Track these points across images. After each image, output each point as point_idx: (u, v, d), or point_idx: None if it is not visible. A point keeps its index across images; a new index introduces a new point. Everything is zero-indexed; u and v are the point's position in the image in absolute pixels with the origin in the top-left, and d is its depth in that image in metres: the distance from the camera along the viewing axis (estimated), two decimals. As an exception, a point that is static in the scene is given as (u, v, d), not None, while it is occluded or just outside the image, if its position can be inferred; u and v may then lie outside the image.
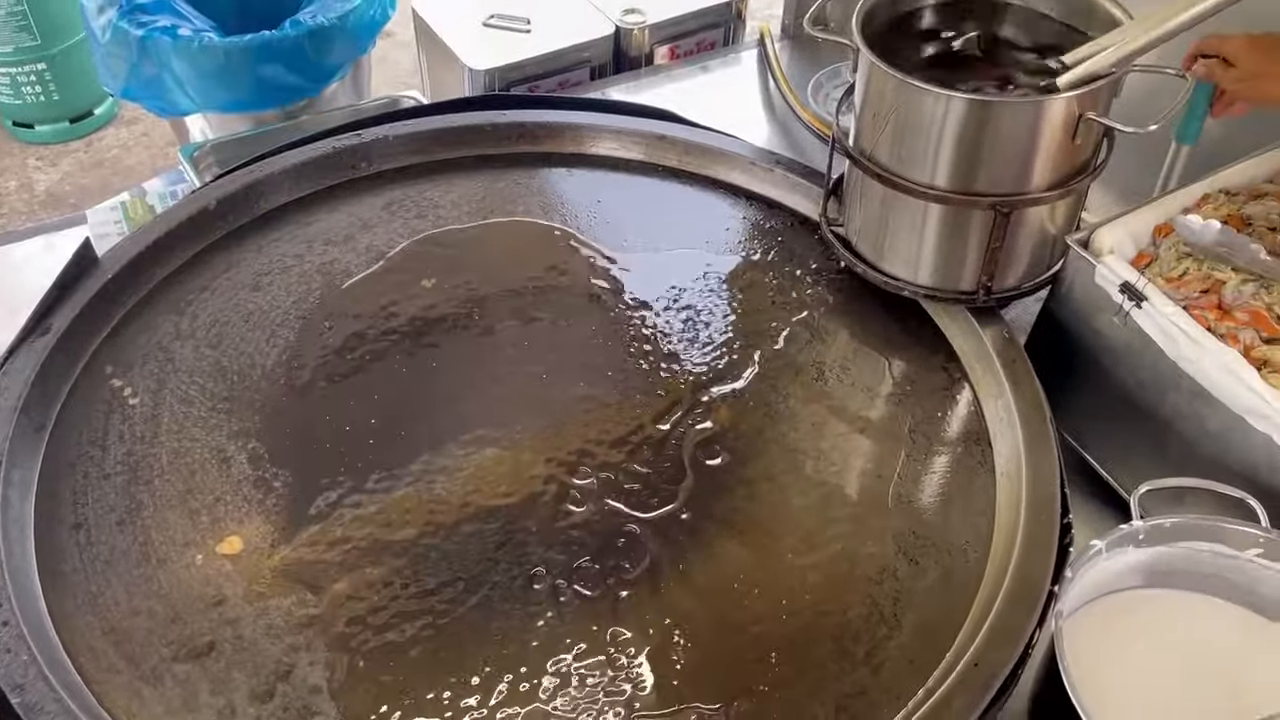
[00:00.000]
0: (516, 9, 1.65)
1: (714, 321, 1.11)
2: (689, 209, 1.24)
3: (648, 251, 1.19)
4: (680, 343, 1.09)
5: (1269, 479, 0.92)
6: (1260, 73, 0.99)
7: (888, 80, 0.98)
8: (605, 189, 1.26)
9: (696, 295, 1.14)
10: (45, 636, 0.83)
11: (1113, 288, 0.99)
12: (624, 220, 1.22)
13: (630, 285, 1.14)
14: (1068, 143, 0.97)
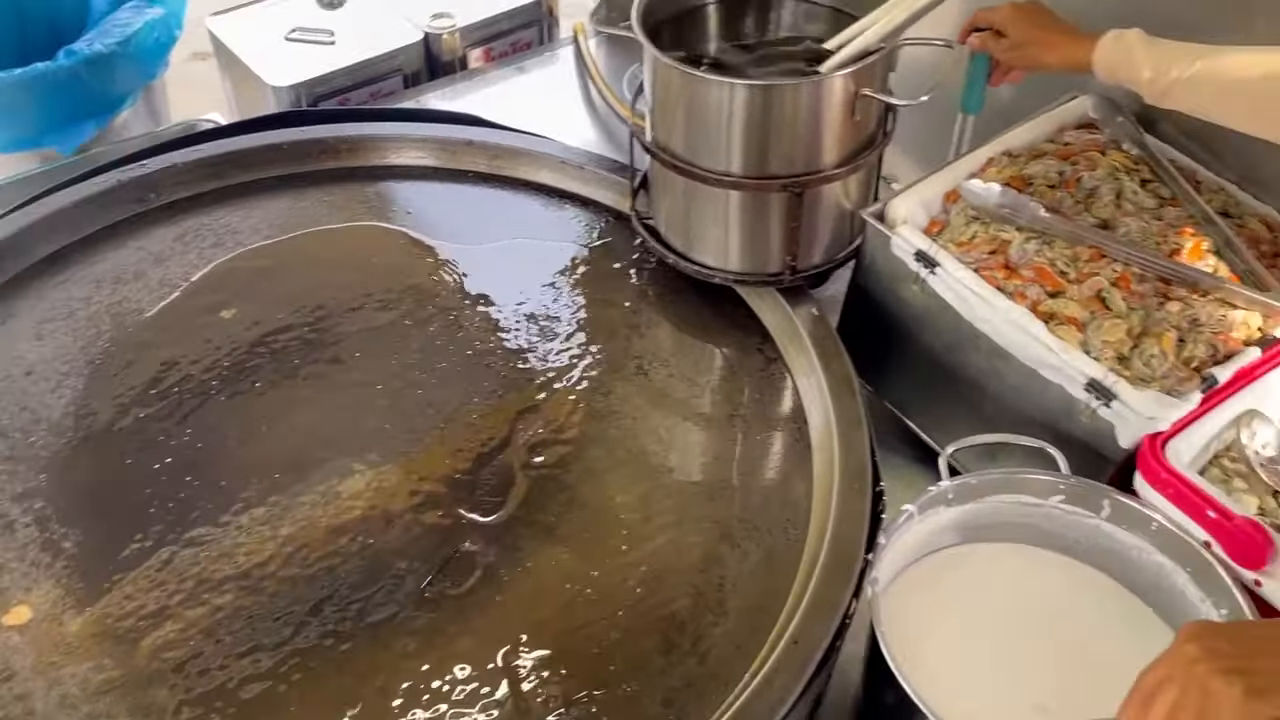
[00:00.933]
0: (320, 21, 1.60)
1: (534, 323, 1.10)
2: (503, 212, 1.23)
3: (461, 259, 1.17)
4: (500, 347, 1.07)
5: (1066, 427, 0.96)
6: (1028, 40, 1.03)
7: (671, 73, 0.99)
8: (415, 199, 1.23)
9: (513, 299, 1.13)
10: None
11: (908, 256, 1.02)
12: (436, 229, 1.19)
13: (443, 294, 1.12)
14: (849, 120, 0.99)
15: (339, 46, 1.55)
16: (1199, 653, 0.64)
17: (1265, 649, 0.64)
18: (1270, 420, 0.94)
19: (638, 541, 0.93)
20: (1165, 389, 0.92)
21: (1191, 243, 1.01)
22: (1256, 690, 0.61)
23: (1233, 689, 0.62)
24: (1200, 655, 0.64)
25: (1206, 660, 0.63)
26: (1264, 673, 0.62)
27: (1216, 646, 0.64)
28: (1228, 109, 0.90)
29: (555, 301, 1.13)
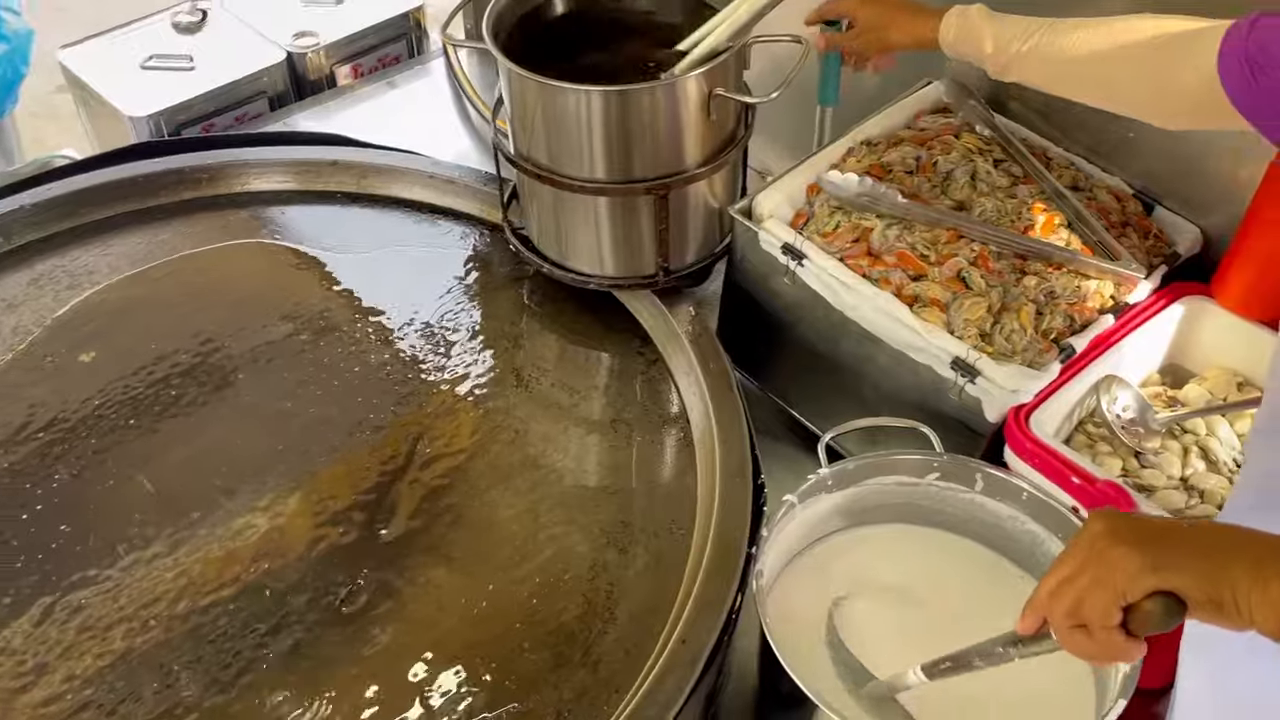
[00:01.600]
0: (177, 47, 1.55)
1: (414, 342, 1.09)
2: (375, 232, 1.21)
3: (332, 281, 1.14)
4: (383, 367, 1.06)
5: (938, 406, 0.98)
6: (875, 24, 1.04)
7: (527, 83, 0.98)
8: (281, 224, 1.21)
9: (389, 319, 1.11)
10: None
11: (776, 250, 1.03)
12: (305, 252, 1.17)
13: (315, 318, 1.10)
14: (706, 119, 1.00)
15: (199, 71, 1.51)
16: (1103, 529, 0.66)
17: (1166, 535, 0.65)
18: (1128, 384, 0.98)
19: (529, 554, 0.92)
20: (1026, 362, 0.95)
21: (1044, 218, 1.04)
22: (1151, 565, 0.63)
23: (1130, 560, 0.63)
24: (1104, 531, 0.66)
25: (1109, 536, 0.65)
26: (1162, 550, 0.64)
27: (1119, 526, 0.66)
28: (1062, 83, 0.93)
29: (434, 319, 1.11)
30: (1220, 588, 0.61)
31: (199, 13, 1.60)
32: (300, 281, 1.14)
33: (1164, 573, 0.63)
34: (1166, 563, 0.63)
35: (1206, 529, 0.66)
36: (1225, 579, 0.61)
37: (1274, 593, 0.59)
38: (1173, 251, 1.04)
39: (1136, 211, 1.06)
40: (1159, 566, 0.63)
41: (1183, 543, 0.64)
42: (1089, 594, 0.65)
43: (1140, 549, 0.64)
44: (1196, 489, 0.93)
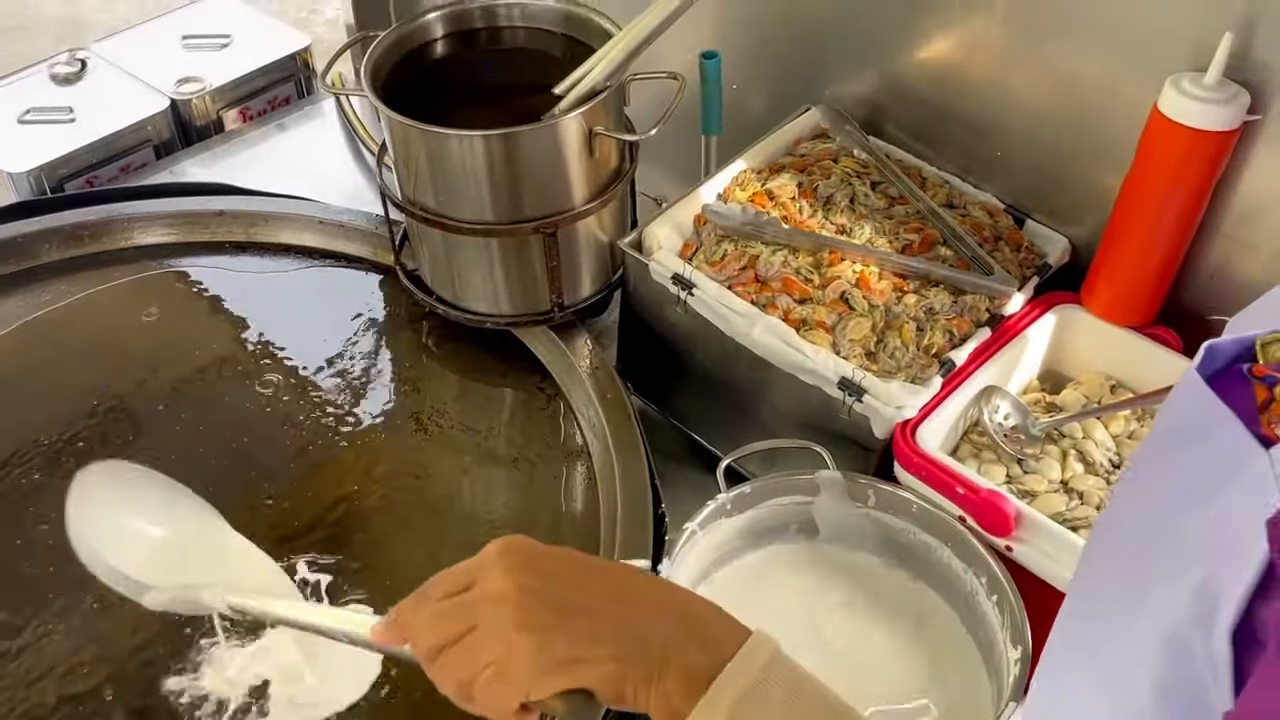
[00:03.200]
0: (56, 99, 1.52)
1: (310, 390, 1.08)
2: (268, 280, 1.20)
3: (227, 332, 1.13)
4: (275, 421, 1.05)
5: (831, 425, 1.01)
6: None
7: (408, 130, 0.99)
8: (170, 278, 1.19)
9: (290, 365, 1.10)
10: None
11: (667, 281, 1.05)
12: (193, 305, 1.15)
13: (209, 368, 1.09)
14: (588, 157, 1.02)
15: (79, 123, 1.47)
16: (502, 594, 0.58)
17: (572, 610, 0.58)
18: (1007, 393, 1.02)
19: (433, 601, 0.92)
20: (910, 378, 0.98)
21: (920, 237, 1.08)
22: (558, 661, 0.57)
23: (535, 656, 0.57)
24: (504, 600, 0.58)
25: (512, 611, 0.58)
26: (571, 639, 0.58)
27: (524, 600, 0.58)
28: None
29: (331, 364, 1.11)
30: (621, 686, 0.57)
31: (77, 62, 1.57)
32: (191, 334, 1.12)
33: (573, 670, 0.57)
34: (576, 655, 0.57)
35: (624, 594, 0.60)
36: (628, 680, 0.57)
37: (663, 695, 0.56)
38: (1044, 263, 1.08)
39: (1008, 225, 1.11)
40: (567, 662, 0.57)
41: (593, 623, 0.58)
42: (485, 689, 0.58)
43: (546, 637, 0.57)
44: (1076, 490, 0.97)
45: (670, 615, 0.59)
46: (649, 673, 0.57)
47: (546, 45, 1.11)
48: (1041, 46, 1.06)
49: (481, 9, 1.09)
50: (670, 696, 0.56)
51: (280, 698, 0.82)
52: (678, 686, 0.56)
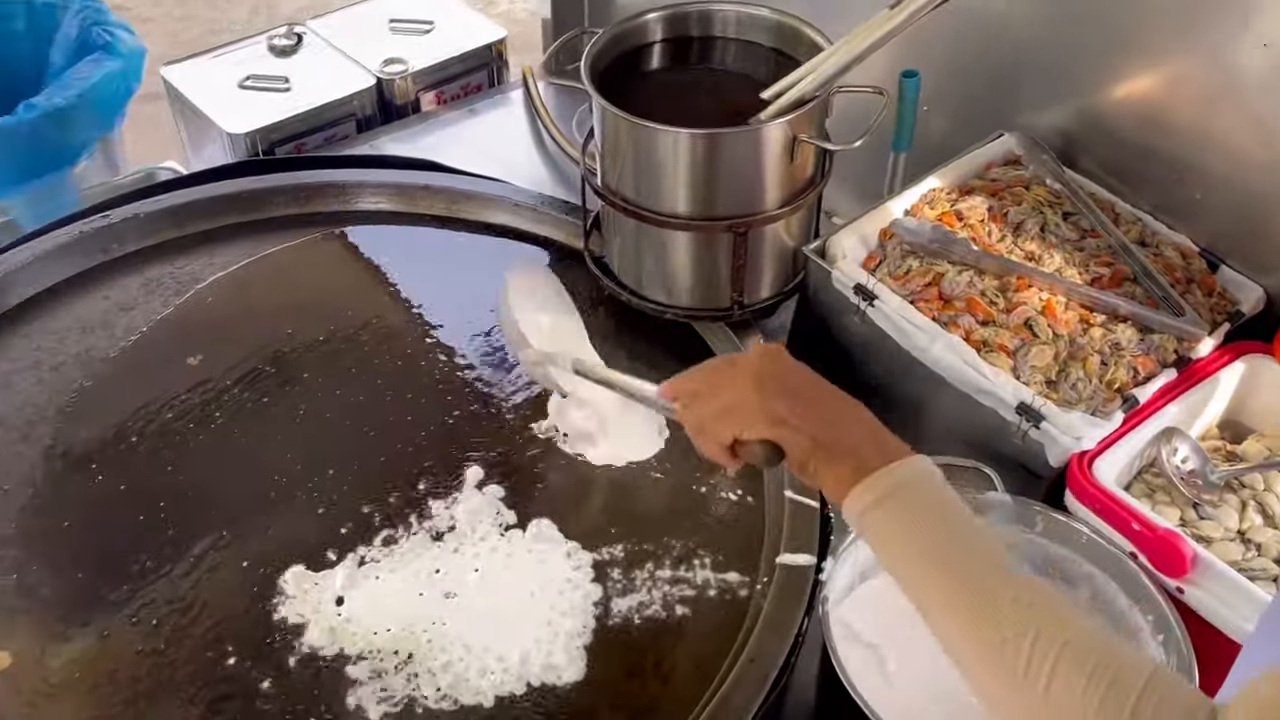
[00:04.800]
0: (274, 69, 1.63)
1: (496, 364, 1.14)
2: (461, 253, 1.27)
3: (424, 299, 1.20)
4: (458, 386, 1.11)
5: (1000, 448, 1.01)
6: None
7: (619, 121, 1.04)
8: (375, 242, 1.27)
9: (470, 339, 1.16)
10: None
11: (848, 290, 1.08)
12: (398, 272, 1.23)
13: (407, 334, 1.16)
14: (788, 163, 1.05)
15: (293, 93, 1.58)
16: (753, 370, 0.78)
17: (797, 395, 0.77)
18: (1187, 436, 1.00)
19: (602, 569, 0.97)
20: (1090, 410, 0.98)
21: (1110, 271, 1.08)
22: (769, 418, 0.75)
23: (756, 409, 0.76)
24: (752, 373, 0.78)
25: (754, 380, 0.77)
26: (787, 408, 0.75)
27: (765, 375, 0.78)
28: None
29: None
30: (808, 457, 0.74)
31: (294, 36, 1.68)
32: (389, 298, 1.20)
33: (778, 429, 0.75)
34: (784, 420, 0.75)
35: (835, 407, 0.77)
36: (816, 453, 0.74)
37: (839, 471, 0.73)
38: (1236, 310, 1.07)
39: (1201, 269, 1.10)
40: (775, 422, 0.75)
41: (808, 409, 0.76)
42: (715, 418, 0.78)
43: (770, 401, 0.76)
44: (1253, 542, 0.95)
45: (864, 427, 0.76)
46: (831, 456, 0.74)
47: (755, 53, 1.14)
48: (1248, 93, 1.05)
49: (698, 14, 1.13)
50: (842, 478, 0.72)
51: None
52: (850, 471, 0.72)
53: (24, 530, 0.96)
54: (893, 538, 0.71)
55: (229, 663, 0.88)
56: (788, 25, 1.12)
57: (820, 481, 0.75)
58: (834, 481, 0.73)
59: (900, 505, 0.70)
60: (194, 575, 0.93)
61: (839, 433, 0.74)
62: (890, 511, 0.70)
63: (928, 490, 0.72)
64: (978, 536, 0.70)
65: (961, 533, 0.70)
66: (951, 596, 0.67)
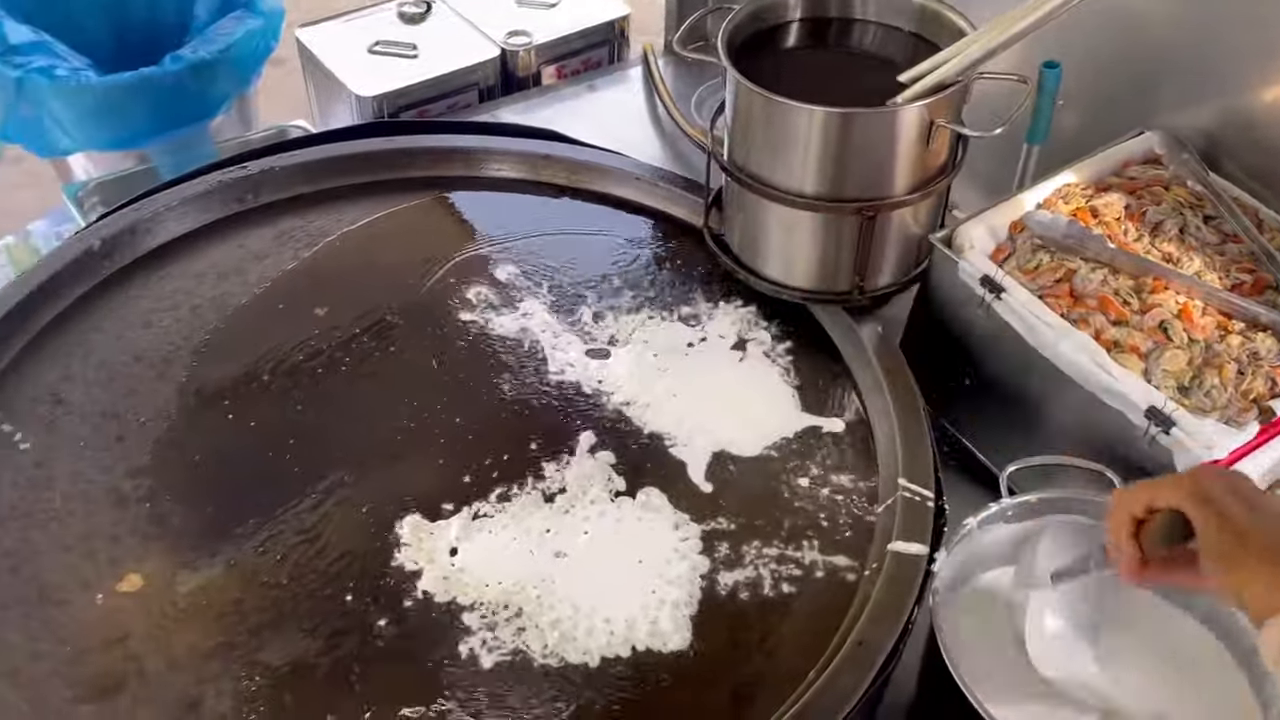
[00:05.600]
0: (402, 35, 1.66)
1: (609, 330, 1.15)
2: (579, 224, 1.28)
3: (543, 265, 1.22)
4: (578, 354, 1.12)
5: (1124, 452, 0.99)
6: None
7: (753, 96, 1.04)
8: (495, 209, 1.29)
9: (592, 305, 1.17)
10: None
11: (974, 281, 1.06)
12: (515, 237, 1.25)
13: (527, 299, 1.17)
14: (923, 148, 1.03)
15: (420, 60, 1.62)
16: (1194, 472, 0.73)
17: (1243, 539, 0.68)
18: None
19: (709, 541, 0.97)
20: (1223, 419, 0.95)
21: (1253, 279, 1.04)
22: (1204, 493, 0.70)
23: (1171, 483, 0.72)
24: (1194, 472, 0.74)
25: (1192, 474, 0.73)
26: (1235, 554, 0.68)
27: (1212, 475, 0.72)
28: None
29: (626, 310, 1.17)
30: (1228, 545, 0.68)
31: (424, 5, 1.72)
32: (501, 265, 1.21)
33: (1198, 504, 0.70)
34: (1210, 497, 0.70)
35: None
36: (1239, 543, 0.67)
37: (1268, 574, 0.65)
38: (1385, 326, 1.02)
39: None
40: (1199, 496, 0.70)
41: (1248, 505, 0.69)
42: (1134, 492, 0.75)
43: (1205, 480, 0.71)
44: (1392, 567, 0.91)
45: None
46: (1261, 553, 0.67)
47: (893, 37, 1.13)
48: None
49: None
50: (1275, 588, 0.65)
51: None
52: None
53: (158, 461, 1.00)
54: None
55: (347, 599, 0.90)
56: (930, 9, 1.10)
57: (1238, 583, 0.66)
58: (1249, 587, 0.65)
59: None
60: (316, 514, 0.96)
61: (1259, 538, 0.66)
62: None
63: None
64: None
65: None
66: None
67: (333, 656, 0.87)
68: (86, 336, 1.10)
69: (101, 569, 0.91)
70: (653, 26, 1.95)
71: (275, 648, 0.87)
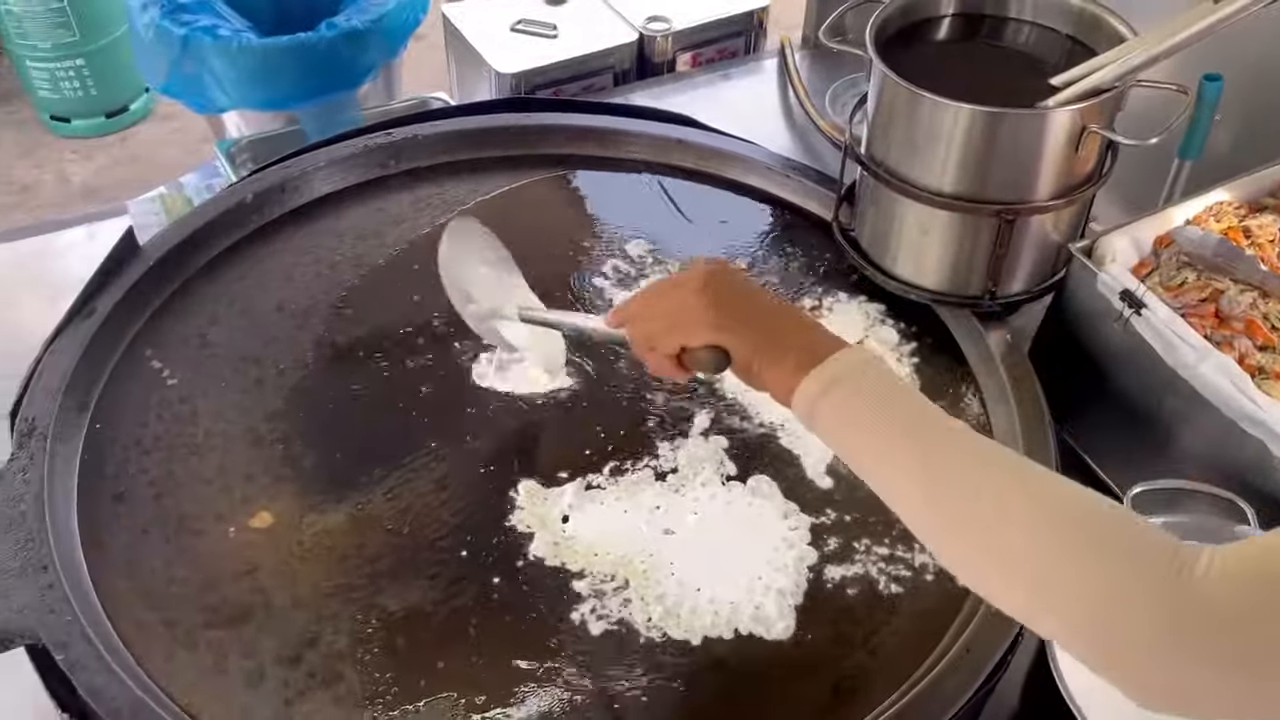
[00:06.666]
0: (544, 15, 1.69)
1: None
2: (709, 209, 1.29)
3: (671, 248, 1.23)
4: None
5: (1260, 483, 0.95)
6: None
7: (898, 90, 1.02)
8: (627, 189, 1.30)
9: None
10: (87, 600, 0.88)
11: (1114, 295, 1.03)
12: (643, 219, 1.26)
13: (650, 275, 1.19)
14: (1071, 154, 1.01)
15: (560, 40, 1.64)
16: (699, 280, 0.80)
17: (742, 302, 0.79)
18: None
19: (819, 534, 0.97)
20: (1375, 457, 0.91)
21: None
22: (715, 324, 0.78)
23: (702, 315, 0.78)
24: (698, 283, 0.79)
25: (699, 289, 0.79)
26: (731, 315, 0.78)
27: (710, 284, 0.79)
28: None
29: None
30: (751, 359, 0.77)
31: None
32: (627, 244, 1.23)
33: (722, 334, 0.78)
34: (728, 325, 0.78)
35: (778, 311, 0.79)
36: (760, 353, 0.76)
37: (783, 369, 0.74)
38: None
39: None
40: (720, 328, 0.78)
41: (750, 313, 0.78)
42: (661, 331, 0.81)
43: (715, 309, 0.78)
44: None
45: (804, 328, 0.78)
46: (776, 358, 0.75)
47: (1048, 39, 1.10)
48: None
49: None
50: (786, 376, 0.74)
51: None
52: (793, 367, 0.74)
53: (293, 406, 1.04)
54: (843, 423, 0.73)
55: (462, 554, 0.93)
56: (1089, 13, 1.07)
57: (766, 383, 0.77)
58: (779, 380, 0.75)
59: (847, 392, 0.72)
60: (438, 470, 0.99)
61: (781, 334, 0.77)
62: (837, 399, 0.72)
63: (873, 375, 0.73)
64: (927, 407, 0.72)
65: (912, 406, 0.72)
66: (910, 466, 0.68)
67: (449, 606, 0.90)
68: (232, 284, 1.16)
69: (235, 504, 0.96)
70: (787, 20, 1.94)
71: (392, 593, 0.90)
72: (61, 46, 2.67)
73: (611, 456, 1.01)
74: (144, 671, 0.85)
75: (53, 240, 1.35)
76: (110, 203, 1.71)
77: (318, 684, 0.85)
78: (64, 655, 0.83)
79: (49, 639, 0.84)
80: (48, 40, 2.66)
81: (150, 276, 1.12)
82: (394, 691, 0.85)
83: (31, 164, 2.87)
